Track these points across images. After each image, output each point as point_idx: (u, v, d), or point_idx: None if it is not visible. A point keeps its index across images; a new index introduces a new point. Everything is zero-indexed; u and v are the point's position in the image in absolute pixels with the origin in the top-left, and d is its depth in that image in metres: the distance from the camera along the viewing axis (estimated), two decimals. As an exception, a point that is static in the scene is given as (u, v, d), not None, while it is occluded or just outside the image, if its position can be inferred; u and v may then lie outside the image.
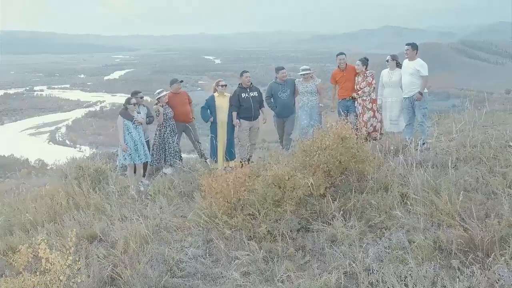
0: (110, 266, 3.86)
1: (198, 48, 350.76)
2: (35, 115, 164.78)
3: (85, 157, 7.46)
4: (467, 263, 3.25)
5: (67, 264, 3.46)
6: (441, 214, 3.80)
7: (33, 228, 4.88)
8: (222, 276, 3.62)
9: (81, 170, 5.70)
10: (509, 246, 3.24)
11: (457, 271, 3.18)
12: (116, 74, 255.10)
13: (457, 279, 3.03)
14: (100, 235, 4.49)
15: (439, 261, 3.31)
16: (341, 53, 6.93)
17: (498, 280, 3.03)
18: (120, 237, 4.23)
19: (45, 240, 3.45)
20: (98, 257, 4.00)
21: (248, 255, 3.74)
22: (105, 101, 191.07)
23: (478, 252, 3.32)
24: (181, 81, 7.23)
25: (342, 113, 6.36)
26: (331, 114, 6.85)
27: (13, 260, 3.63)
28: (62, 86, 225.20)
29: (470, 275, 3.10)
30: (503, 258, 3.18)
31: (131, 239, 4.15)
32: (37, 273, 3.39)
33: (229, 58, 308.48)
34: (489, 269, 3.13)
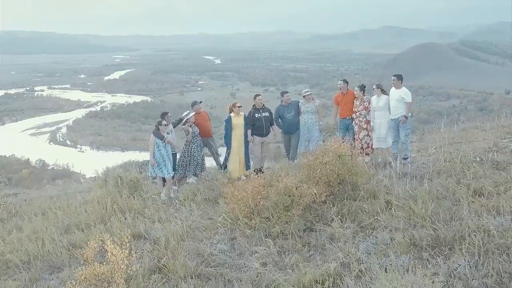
0: (156, 258, 4.84)
1: (198, 48, 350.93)
2: (35, 115, 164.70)
3: (118, 166, 8.36)
4: (434, 255, 4.25)
5: (125, 255, 4.46)
6: (417, 217, 4.78)
7: (87, 228, 5.85)
8: (245, 266, 4.60)
9: (120, 179, 6.67)
10: (466, 242, 4.24)
11: (426, 261, 4.17)
12: (116, 74, 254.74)
13: (426, 267, 4.03)
14: (144, 233, 5.47)
15: (413, 254, 4.30)
16: (344, 80, 7.95)
17: (456, 268, 4.04)
18: (161, 235, 5.19)
19: (108, 236, 4.45)
20: (146, 251, 4.98)
21: (265, 249, 4.73)
22: (105, 101, 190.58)
23: (442, 247, 4.31)
24: (201, 102, 8.20)
25: (341, 130, 7.39)
26: (333, 131, 7.82)
27: (81, 254, 4.63)
28: (63, 86, 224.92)
29: (435, 265, 4.10)
30: (461, 251, 4.18)
31: (171, 236, 5.13)
32: (104, 263, 4.38)
33: (229, 58, 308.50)
34: (450, 260, 4.13)
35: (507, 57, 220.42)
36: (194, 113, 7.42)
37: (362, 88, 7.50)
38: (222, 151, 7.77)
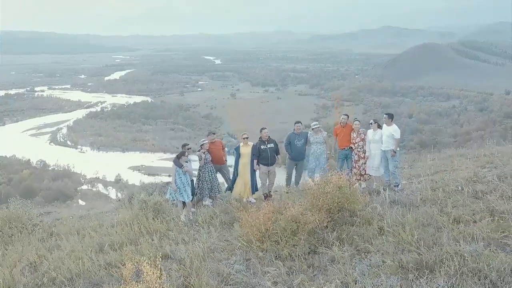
0: (183, 277, 5.65)
1: (198, 48, 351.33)
2: (36, 115, 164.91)
3: (140, 188, 9.13)
4: (418, 277, 5.07)
5: (158, 276, 5.29)
6: (404, 243, 5.59)
7: (120, 248, 6.64)
8: (259, 285, 5.41)
9: (144, 203, 7.47)
10: (445, 266, 5.06)
11: (412, 282, 4.99)
12: (116, 75, 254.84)
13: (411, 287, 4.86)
14: (170, 254, 6.27)
15: (400, 275, 5.11)
16: (346, 115, 8.79)
17: (436, 288, 4.86)
18: (185, 256, 5.99)
19: (144, 258, 5.27)
20: (173, 271, 5.78)
21: (275, 270, 5.54)
22: (105, 101, 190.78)
23: (425, 270, 5.12)
24: (214, 133, 9.04)
25: (340, 160, 8.26)
26: (333, 158, 8.66)
27: (120, 274, 5.45)
28: (63, 86, 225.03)
29: (419, 285, 4.92)
30: (440, 274, 5.01)
31: (194, 257, 5.93)
32: (140, 282, 5.20)
33: (229, 58, 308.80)
34: (431, 281, 4.96)
35: (507, 58, 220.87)
36: (207, 141, 8.24)
37: (359, 122, 8.37)
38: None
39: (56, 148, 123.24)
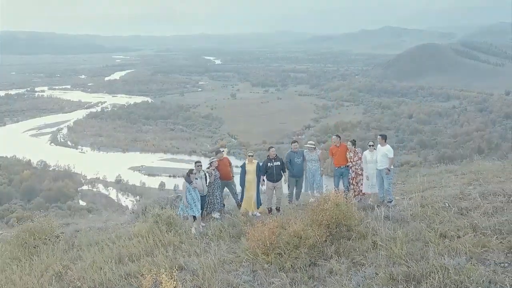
0: (196, 287, 6.26)
1: (198, 49, 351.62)
2: (36, 116, 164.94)
3: (153, 201, 9.70)
4: None
5: (174, 286, 5.92)
6: (395, 256, 6.20)
7: (137, 260, 7.24)
8: (265, 294, 6.05)
9: (158, 216, 8.07)
10: (430, 278, 5.69)
11: (401, 293, 5.63)
12: (116, 75, 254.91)
13: (400, 297, 5.48)
14: (184, 265, 6.87)
15: (391, 286, 5.75)
16: (337, 135, 9.44)
17: (423, 298, 5.49)
18: (197, 267, 6.59)
19: (163, 270, 5.90)
20: (188, 281, 6.40)
21: (279, 281, 6.15)
22: (106, 102, 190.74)
23: (413, 282, 5.74)
24: (223, 151, 9.68)
25: (336, 178, 8.95)
26: (330, 177, 9.32)
27: (140, 285, 6.08)
28: (63, 86, 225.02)
29: (407, 295, 5.55)
30: (426, 285, 5.63)
31: (205, 268, 6.54)
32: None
33: (229, 58, 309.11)
34: (418, 292, 5.59)
35: (507, 58, 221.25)
36: (217, 159, 8.91)
37: (354, 142, 9.05)
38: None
39: (57, 149, 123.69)
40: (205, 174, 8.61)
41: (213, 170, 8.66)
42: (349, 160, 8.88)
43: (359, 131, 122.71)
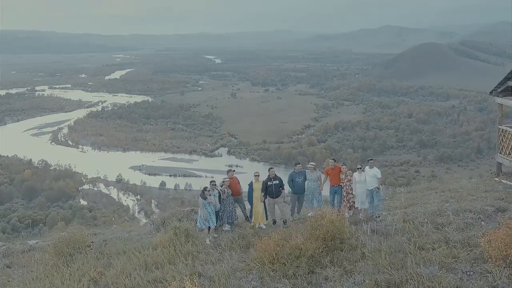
0: (214, 292, 7.46)
1: (198, 48, 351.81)
2: (37, 115, 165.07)
3: (170, 214, 10.86)
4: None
5: (195, 291, 7.12)
6: (380, 266, 7.38)
7: (161, 267, 8.40)
8: (271, 297, 7.25)
9: (177, 229, 9.24)
10: (408, 284, 6.88)
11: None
12: (117, 74, 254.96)
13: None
14: (202, 272, 8.03)
15: (376, 292, 6.96)
16: (333, 159, 10.66)
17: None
18: (213, 274, 7.77)
19: (185, 278, 7.08)
20: (206, 287, 7.58)
21: (283, 286, 7.30)
22: (106, 101, 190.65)
23: (394, 287, 6.97)
24: (234, 170, 10.92)
25: (331, 194, 10.24)
26: (325, 193, 10.58)
27: (166, 289, 7.27)
28: (64, 86, 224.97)
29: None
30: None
31: (220, 275, 7.71)
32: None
33: (229, 57, 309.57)
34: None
35: (506, 57, 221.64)
36: (228, 179, 10.14)
37: (345, 166, 10.35)
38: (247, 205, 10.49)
39: (57, 148, 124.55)
40: (219, 192, 9.81)
41: (226, 188, 9.88)
42: (341, 181, 10.14)
43: (359, 131, 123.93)
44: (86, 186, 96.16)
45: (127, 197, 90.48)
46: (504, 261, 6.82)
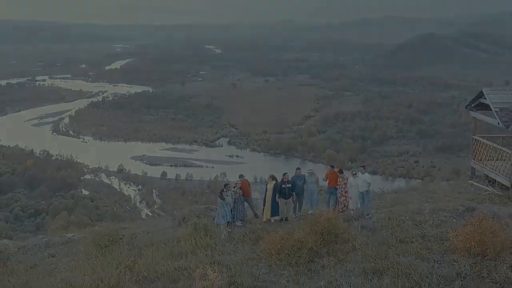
0: (230, 276, 9.02)
1: (199, 38, 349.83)
2: (38, 105, 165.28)
3: (190, 211, 12.43)
4: (374, 278, 8.44)
5: (216, 276, 8.72)
6: (367, 256, 8.91)
7: (185, 257, 9.94)
8: (278, 282, 8.73)
9: (197, 224, 10.77)
10: (390, 271, 8.46)
11: (370, 281, 8.37)
12: (117, 64, 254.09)
13: (369, 283, 8.28)
14: (220, 261, 9.59)
15: (363, 277, 8.42)
16: (332, 166, 12.26)
17: (384, 285, 8.30)
18: (229, 263, 9.34)
19: (209, 265, 8.68)
20: (224, 273, 9.14)
21: (287, 272, 8.89)
22: (107, 91, 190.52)
23: (379, 273, 8.45)
24: (244, 176, 12.51)
25: (328, 194, 11.87)
26: (323, 193, 12.23)
27: (190, 274, 8.87)
28: (64, 76, 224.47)
29: (374, 283, 8.34)
30: (387, 276, 8.41)
31: (236, 264, 9.29)
32: (206, 280, 8.58)
33: (230, 47, 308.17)
34: (381, 280, 8.38)
35: (507, 48, 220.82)
36: (240, 182, 11.78)
37: (341, 171, 11.93)
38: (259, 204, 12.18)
39: (59, 138, 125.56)
40: (231, 192, 11.43)
41: (238, 189, 11.54)
42: (338, 184, 11.76)
43: (359, 121, 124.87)
44: (87, 176, 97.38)
45: (128, 187, 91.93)
46: (468, 252, 8.41)
